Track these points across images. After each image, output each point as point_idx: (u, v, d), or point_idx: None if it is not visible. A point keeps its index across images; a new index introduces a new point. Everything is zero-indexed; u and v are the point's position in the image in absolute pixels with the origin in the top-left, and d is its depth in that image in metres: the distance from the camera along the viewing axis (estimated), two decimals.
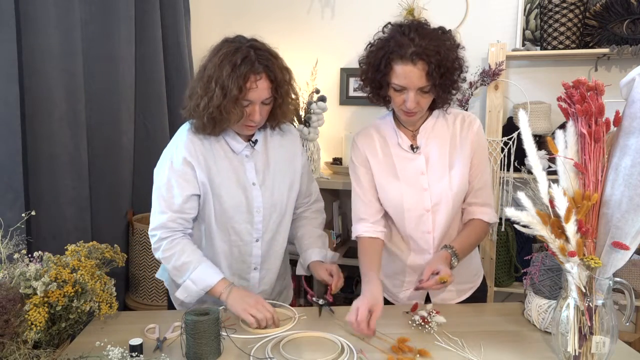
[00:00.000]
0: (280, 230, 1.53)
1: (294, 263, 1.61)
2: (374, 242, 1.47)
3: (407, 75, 1.30)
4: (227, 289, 1.34)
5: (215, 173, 1.42)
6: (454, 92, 1.40)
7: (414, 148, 1.46)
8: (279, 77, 1.35)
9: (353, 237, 1.52)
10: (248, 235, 1.47)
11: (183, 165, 1.39)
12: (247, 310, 1.29)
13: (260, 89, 1.32)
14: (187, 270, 1.37)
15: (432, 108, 1.45)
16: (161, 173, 1.42)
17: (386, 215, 1.51)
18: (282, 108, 1.41)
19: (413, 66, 1.28)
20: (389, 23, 1.39)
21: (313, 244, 1.55)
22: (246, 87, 1.30)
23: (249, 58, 1.30)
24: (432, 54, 1.27)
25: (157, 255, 1.41)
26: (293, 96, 1.44)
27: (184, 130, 1.44)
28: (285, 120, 1.49)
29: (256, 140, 1.47)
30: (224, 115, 1.32)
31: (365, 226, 1.48)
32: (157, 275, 1.63)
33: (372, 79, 1.39)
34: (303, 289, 1.49)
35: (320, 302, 1.42)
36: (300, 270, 1.57)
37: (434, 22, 1.39)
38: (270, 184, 1.48)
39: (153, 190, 1.43)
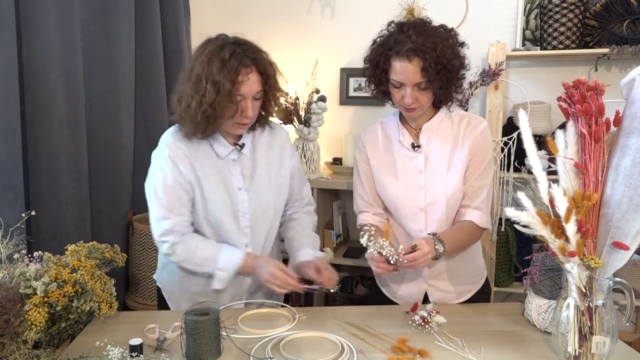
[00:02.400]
0: (269, 236, 1.53)
1: (285, 261, 1.58)
2: (377, 226, 1.53)
3: (403, 71, 1.33)
4: (250, 266, 1.40)
5: (202, 176, 1.42)
6: (455, 89, 1.41)
7: (414, 146, 1.47)
8: (267, 69, 1.36)
9: (357, 225, 1.58)
10: (238, 240, 1.46)
11: (173, 170, 1.40)
12: (269, 282, 1.34)
13: (251, 82, 1.32)
14: (211, 261, 1.40)
15: (438, 107, 1.47)
16: (154, 179, 1.42)
17: (387, 209, 1.55)
18: (272, 101, 1.42)
19: (408, 62, 1.32)
20: (392, 21, 1.42)
21: (302, 245, 1.52)
22: (238, 80, 1.30)
23: (237, 52, 1.31)
24: (428, 50, 1.30)
25: (173, 259, 1.42)
26: (280, 89, 1.43)
27: (167, 137, 1.44)
28: (273, 116, 1.50)
29: (243, 144, 1.46)
30: (217, 112, 1.32)
31: (366, 215, 1.56)
32: (156, 277, 1.60)
33: (372, 75, 1.43)
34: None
35: (315, 287, 1.36)
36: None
37: (435, 22, 1.39)
38: (257, 189, 1.47)
39: (148, 195, 1.44)
